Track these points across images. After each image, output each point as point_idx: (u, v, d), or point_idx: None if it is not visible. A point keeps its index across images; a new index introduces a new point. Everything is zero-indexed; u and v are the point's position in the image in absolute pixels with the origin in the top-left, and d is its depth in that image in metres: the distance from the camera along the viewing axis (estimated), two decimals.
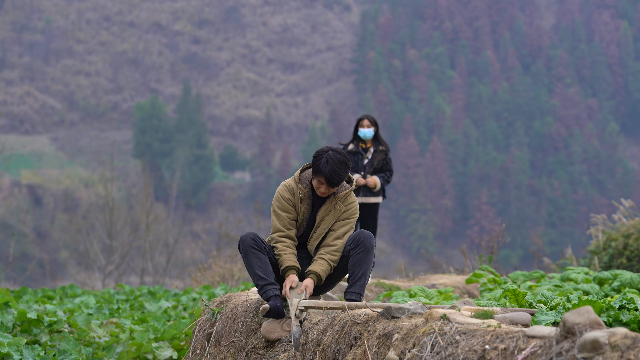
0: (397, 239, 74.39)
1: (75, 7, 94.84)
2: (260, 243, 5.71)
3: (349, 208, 5.82)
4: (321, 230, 5.79)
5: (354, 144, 9.74)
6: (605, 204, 70.16)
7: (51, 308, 8.52)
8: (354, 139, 9.74)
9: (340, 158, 5.64)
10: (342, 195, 5.80)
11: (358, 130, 9.71)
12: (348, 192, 5.83)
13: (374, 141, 9.74)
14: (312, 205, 5.82)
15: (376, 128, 9.75)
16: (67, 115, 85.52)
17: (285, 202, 5.79)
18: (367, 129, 9.66)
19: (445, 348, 4.26)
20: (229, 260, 15.49)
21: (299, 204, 5.80)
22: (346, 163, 5.66)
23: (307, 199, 5.79)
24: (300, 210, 5.80)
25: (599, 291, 6.71)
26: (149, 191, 30.16)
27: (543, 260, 14.35)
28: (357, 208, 5.87)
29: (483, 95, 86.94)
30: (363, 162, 9.66)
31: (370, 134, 9.66)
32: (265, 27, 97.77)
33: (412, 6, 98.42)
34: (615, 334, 3.58)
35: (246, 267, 5.77)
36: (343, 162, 5.64)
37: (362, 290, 5.68)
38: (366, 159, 9.67)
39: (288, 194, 5.81)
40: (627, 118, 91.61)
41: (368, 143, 9.71)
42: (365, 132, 9.65)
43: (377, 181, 9.54)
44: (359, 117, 9.87)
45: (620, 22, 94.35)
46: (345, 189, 5.85)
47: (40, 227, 59.87)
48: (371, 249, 5.70)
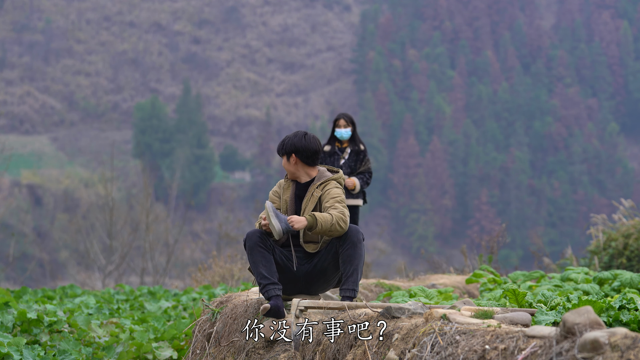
0: (397, 239, 74.38)
1: (75, 7, 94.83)
2: (266, 241, 5.75)
3: (327, 192, 5.91)
4: None
5: (330, 144, 9.42)
6: (605, 204, 70.15)
7: (51, 308, 8.52)
8: (330, 140, 9.43)
9: (308, 137, 5.99)
10: (320, 183, 5.96)
11: (335, 130, 9.40)
12: (327, 181, 5.96)
13: (350, 141, 9.41)
14: (294, 196, 5.99)
15: (353, 127, 9.42)
16: (67, 115, 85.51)
17: (272, 195, 6.08)
18: (343, 129, 9.35)
19: (445, 348, 4.26)
20: (229, 260, 15.49)
21: (282, 193, 6.04)
22: (308, 140, 5.97)
23: (290, 189, 6.01)
24: (282, 198, 6.02)
25: (599, 291, 6.71)
26: (149, 191, 30.15)
27: (543, 260, 14.35)
28: (339, 192, 5.92)
29: (483, 95, 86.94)
30: (339, 162, 9.35)
31: (347, 134, 9.35)
32: (265, 27, 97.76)
33: (412, 6, 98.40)
34: (615, 334, 3.58)
35: (250, 264, 5.80)
36: (310, 140, 5.97)
37: (356, 285, 5.71)
38: (342, 159, 9.35)
39: (277, 187, 6.11)
40: (627, 118, 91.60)
41: (344, 143, 9.41)
42: (342, 132, 9.34)
43: (357, 182, 9.19)
44: (335, 117, 9.54)
45: (620, 22, 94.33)
46: (325, 177, 5.99)
47: (40, 227, 59.87)
48: (358, 243, 5.73)
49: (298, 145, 5.96)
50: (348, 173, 9.28)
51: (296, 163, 5.97)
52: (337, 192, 5.90)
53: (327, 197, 5.88)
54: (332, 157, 9.33)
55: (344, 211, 5.76)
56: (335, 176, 5.99)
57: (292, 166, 5.99)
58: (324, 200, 5.87)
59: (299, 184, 6.01)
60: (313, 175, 6.00)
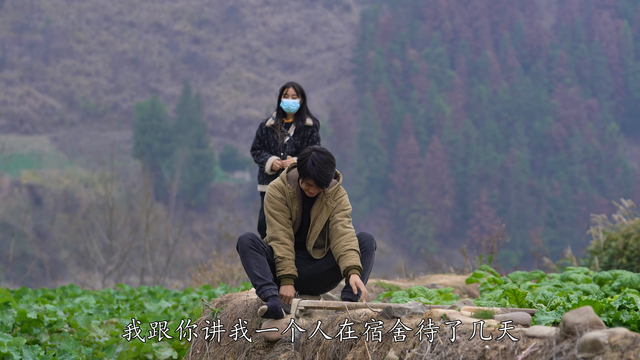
0: (397, 239, 74.39)
1: (75, 7, 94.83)
2: (258, 244, 5.71)
3: (340, 202, 5.84)
4: (317, 228, 5.80)
5: (275, 118, 8.10)
6: (605, 204, 70.17)
7: (51, 308, 8.52)
8: (277, 113, 8.12)
9: (325, 158, 5.66)
10: (331, 191, 5.83)
11: (281, 100, 8.06)
12: (337, 187, 5.86)
13: (297, 115, 8.07)
14: (302, 204, 5.83)
15: (303, 99, 8.07)
16: (67, 115, 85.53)
17: (278, 202, 5.80)
18: (291, 99, 8.02)
19: (445, 348, 4.26)
20: (229, 260, 15.50)
21: (290, 202, 5.81)
22: (332, 162, 5.68)
23: (297, 198, 5.81)
24: (292, 209, 5.81)
25: (599, 291, 6.71)
26: (149, 191, 30.15)
27: (543, 260, 14.35)
28: (348, 200, 5.89)
29: (483, 95, 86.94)
30: (283, 140, 8.05)
31: (294, 106, 8.01)
32: (265, 27, 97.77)
33: (412, 6, 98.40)
34: (615, 334, 3.58)
35: (244, 267, 5.78)
36: (328, 161, 5.66)
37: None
38: (287, 136, 8.05)
39: (279, 193, 5.82)
40: (627, 118, 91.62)
41: (290, 117, 8.09)
42: (289, 103, 8.00)
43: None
44: (283, 85, 8.19)
45: (620, 22, 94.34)
46: (333, 184, 5.87)
47: (40, 227, 59.89)
48: (371, 251, 5.74)
49: (321, 177, 5.69)
50: (292, 153, 8.03)
51: (311, 186, 5.77)
52: (347, 201, 5.86)
53: (339, 207, 5.82)
54: (275, 134, 8.09)
55: (353, 234, 5.72)
56: (340, 182, 5.91)
57: (318, 191, 5.80)
58: (335, 213, 5.82)
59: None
60: None
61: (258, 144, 8.22)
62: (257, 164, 8.20)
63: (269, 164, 8.03)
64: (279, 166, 7.95)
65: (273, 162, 8.00)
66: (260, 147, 8.21)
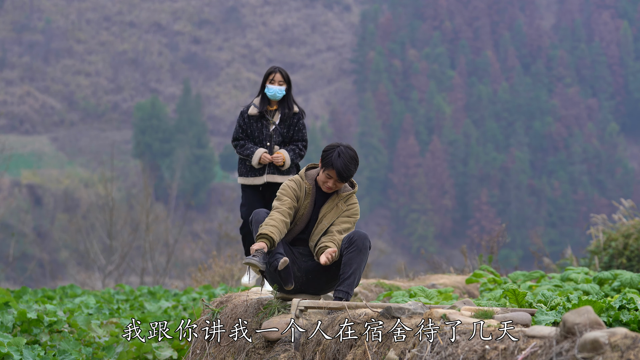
0: (397, 239, 74.40)
1: (75, 7, 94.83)
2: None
3: (350, 208, 5.99)
4: (322, 226, 5.90)
5: (258, 106, 7.66)
6: (605, 204, 70.16)
7: (51, 308, 8.52)
8: (261, 100, 7.70)
9: (351, 154, 5.86)
10: (345, 195, 5.97)
11: (265, 86, 7.66)
12: (351, 194, 6.01)
13: (281, 103, 7.66)
14: (314, 201, 5.96)
15: (288, 87, 7.71)
16: (67, 115, 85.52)
17: (290, 191, 5.93)
18: (278, 85, 7.63)
19: (445, 348, 4.26)
20: (229, 260, 15.50)
21: (302, 197, 5.95)
22: (357, 160, 5.87)
23: (311, 194, 5.95)
24: (302, 203, 5.94)
25: (599, 291, 6.71)
26: (149, 191, 30.16)
27: (543, 260, 14.35)
28: (359, 210, 6.04)
29: (483, 95, 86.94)
30: (269, 129, 7.60)
31: (280, 92, 7.61)
32: (265, 27, 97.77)
33: (412, 6, 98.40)
34: (615, 334, 3.58)
35: (252, 231, 5.91)
36: (354, 158, 5.86)
37: (351, 289, 5.72)
38: (273, 124, 7.61)
39: (295, 185, 5.97)
40: (627, 118, 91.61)
41: (275, 104, 7.67)
42: (275, 89, 7.60)
43: (286, 156, 7.49)
44: (268, 70, 7.80)
45: (620, 22, 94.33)
46: (348, 190, 6.01)
47: (40, 227, 59.88)
48: (364, 249, 5.75)
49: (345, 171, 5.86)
50: (279, 142, 7.61)
51: (331, 179, 5.92)
52: (357, 209, 6.00)
53: (347, 212, 5.97)
54: (259, 123, 7.64)
55: (341, 239, 5.81)
56: (355, 190, 6.06)
57: (336, 186, 5.97)
58: (342, 216, 5.96)
59: (320, 190, 6.02)
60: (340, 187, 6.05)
61: (241, 133, 7.69)
62: (242, 156, 7.63)
63: (256, 157, 7.53)
64: (268, 160, 7.48)
65: (261, 156, 7.49)
66: (243, 137, 7.67)
